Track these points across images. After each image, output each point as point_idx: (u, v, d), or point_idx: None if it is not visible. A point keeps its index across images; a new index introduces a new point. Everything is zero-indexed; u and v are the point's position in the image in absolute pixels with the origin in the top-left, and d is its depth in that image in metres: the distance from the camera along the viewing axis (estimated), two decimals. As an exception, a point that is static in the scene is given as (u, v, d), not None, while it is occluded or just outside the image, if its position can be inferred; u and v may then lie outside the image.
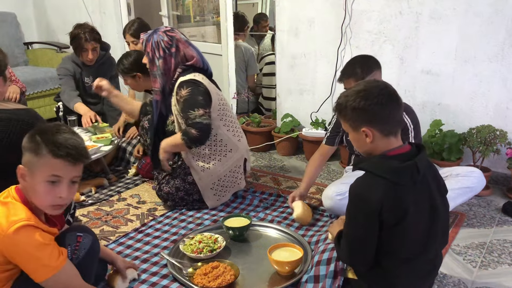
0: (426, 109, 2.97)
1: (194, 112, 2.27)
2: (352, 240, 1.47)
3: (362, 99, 1.41)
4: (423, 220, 1.43)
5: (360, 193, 1.42)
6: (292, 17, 3.36)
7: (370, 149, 1.47)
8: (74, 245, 1.52)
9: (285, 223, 2.33)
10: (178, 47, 2.41)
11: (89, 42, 3.26)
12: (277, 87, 3.63)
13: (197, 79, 2.36)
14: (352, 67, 2.26)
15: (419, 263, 1.48)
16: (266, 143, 3.56)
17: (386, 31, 2.99)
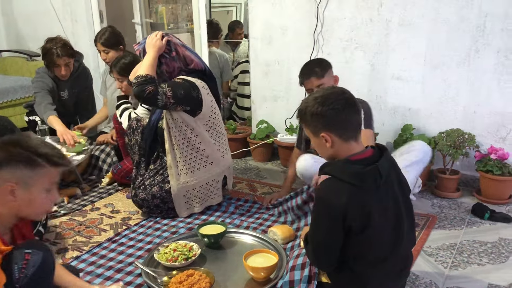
0: (397, 114, 3.03)
1: (165, 87, 2.27)
2: (316, 242, 1.51)
3: (319, 104, 1.46)
4: (388, 222, 1.47)
5: (324, 197, 1.45)
6: (265, 25, 3.39)
7: (332, 154, 1.51)
8: (22, 263, 1.37)
9: (260, 229, 2.34)
10: (177, 50, 2.42)
11: (61, 57, 3.15)
12: (252, 94, 3.64)
13: (197, 84, 2.38)
14: (310, 67, 2.45)
15: (389, 264, 1.51)
16: (241, 149, 3.57)
17: (357, 38, 3.04)
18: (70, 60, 3.25)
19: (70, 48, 3.23)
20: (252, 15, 3.43)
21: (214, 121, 2.48)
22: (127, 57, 2.88)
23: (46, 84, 3.24)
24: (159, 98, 2.25)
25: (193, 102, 2.36)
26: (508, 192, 2.69)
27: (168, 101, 2.27)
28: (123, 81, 2.87)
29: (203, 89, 2.40)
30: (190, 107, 2.36)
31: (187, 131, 2.39)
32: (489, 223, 2.44)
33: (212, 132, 2.47)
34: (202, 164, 2.45)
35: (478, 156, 2.73)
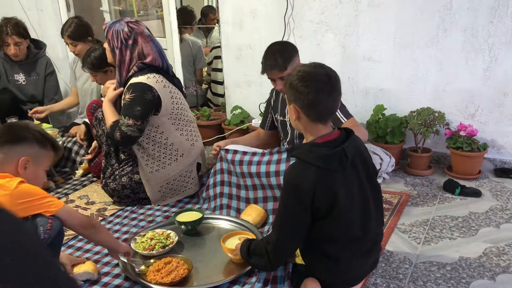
0: (369, 94, 3.07)
1: (124, 119, 2.26)
2: (282, 224, 1.52)
3: (298, 79, 1.46)
4: (354, 203, 1.49)
5: (292, 180, 1.47)
6: (235, 9, 3.36)
7: (297, 125, 1.55)
8: (46, 226, 1.56)
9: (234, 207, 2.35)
10: (136, 40, 2.33)
11: (10, 36, 3.18)
12: (225, 79, 3.63)
13: (148, 83, 2.29)
14: (272, 58, 2.25)
15: (359, 244, 1.54)
16: (217, 136, 3.56)
17: (327, 20, 3.05)
18: (21, 40, 3.26)
19: (22, 28, 3.25)
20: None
21: (178, 111, 2.42)
22: (96, 50, 2.82)
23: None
24: (129, 133, 2.26)
25: (153, 104, 2.30)
26: (478, 168, 2.76)
27: (137, 126, 2.26)
28: (96, 75, 2.83)
29: (157, 84, 2.31)
30: (154, 109, 2.33)
31: (151, 131, 2.36)
32: (460, 198, 2.51)
33: (178, 124, 2.43)
34: (173, 159, 2.43)
35: (448, 133, 2.79)
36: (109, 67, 2.78)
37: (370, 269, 1.70)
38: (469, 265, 1.88)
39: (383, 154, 2.67)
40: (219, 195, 2.40)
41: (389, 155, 2.69)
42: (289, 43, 2.40)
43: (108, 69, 2.79)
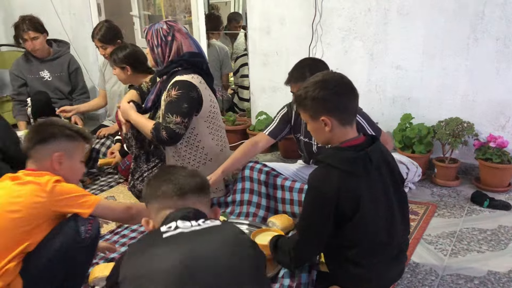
0: (397, 103, 3.04)
1: (172, 117, 2.26)
2: (306, 228, 1.53)
3: (321, 89, 1.47)
4: (378, 210, 1.48)
5: (315, 183, 1.47)
6: (263, 16, 3.38)
7: (328, 138, 1.52)
8: (87, 226, 1.61)
9: (259, 215, 2.35)
10: (174, 36, 2.36)
11: (26, 32, 3.32)
12: (251, 85, 3.64)
13: (193, 82, 2.32)
14: (301, 71, 2.20)
15: (384, 251, 1.53)
16: (241, 141, 3.57)
17: (356, 28, 3.04)
18: (37, 35, 3.40)
19: (37, 23, 3.40)
20: (250, 5, 3.42)
21: (214, 115, 2.46)
22: (125, 48, 2.90)
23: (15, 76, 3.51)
24: (177, 130, 2.26)
25: (197, 103, 2.34)
26: (507, 180, 2.70)
27: (184, 123, 2.28)
28: (115, 69, 2.94)
29: (200, 84, 2.35)
30: (200, 108, 2.36)
31: (187, 131, 2.38)
32: (489, 210, 2.45)
33: (211, 128, 2.46)
34: (202, 162, 2.46)
35: (477, 144, 2.74)
36: (127, 66, 2.88)
37: (395, 278, 1.68)
38: (498, 279, 1.84)
39: (410, 164, 2.62)
40: (246, 202, 2.40)
41: (416, 165, 2.65)
42: (322, 62, 2.30)
43: (125, 67, 2.89)
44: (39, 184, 1.56)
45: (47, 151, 1.66)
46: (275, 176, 2.37)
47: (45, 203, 1.55)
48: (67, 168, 1.68)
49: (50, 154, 1.66)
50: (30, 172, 1.63)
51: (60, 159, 1.67)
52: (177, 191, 1.28)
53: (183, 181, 1.30)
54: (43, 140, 1.68)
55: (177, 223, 1.18)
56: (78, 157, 1.75)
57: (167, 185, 1.29)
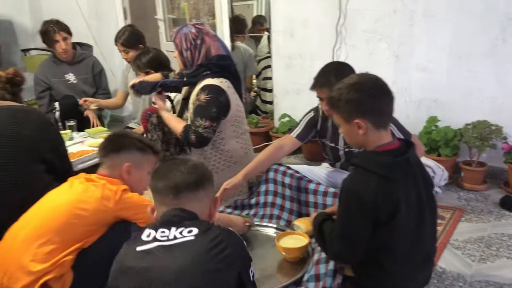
0: (422, 106, 3.00)
1: (201, 121, 2.29)
2: (344, 234, 1.49)
3: (356, 91, 1.44)
4: (412, 215, 1.46)
5: (353, 188, 1.45)
6: (287, 18, 3.38)
7: (362, 141, 1.50)
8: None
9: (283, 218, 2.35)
10: (203, 39, 2.40)
11: (58, 32, 3.40)
12: (274, 87, 3.65)
13: (222, 87, 2.35)
14: (326, 76, 2.14)
15: (413, 256, 1.51)
16: (264, 143, 3.58)
17: (381, 30, 3.01)
18: (68, 36, 3.48)
19: (65, 25, 3.49)
20: (274, 8, 3.43)
21: (239, 119, 2.49)
22: (148, 53, 2.94)
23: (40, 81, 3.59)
24: (205, 134, 2.30)
25: (224, 108, 2.37)
26: (538, 184, 2.63)
27: (213, 127, 2.31)
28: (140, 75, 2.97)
29: (228, 89, 2.38)
30: (228, 113, 2.38)
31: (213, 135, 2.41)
32: (518, 216, 2.40)
33: (237, 131, 2.48)
34: (226, 165, 2.47)
35: (506, 147, 2.68)
36: (151, 71, 2.91)
37: (422, 284, 1.65)
38: (529, 286, 1.80)
39: (436, 167, 2.58)
40: (270, 204, 2.40)
41: (442, 168, 2.60)
42: (348, 66, 2.22)
43: (149, 72, 2.91)
44: (110, 190, 1.67)
45: (119, 161, 1.77)
46: (299, 179, 2.37)
47: (110, 209, 1.66)
48: (134, 178, 1.79)
49: (121, 164, 1.77)
50: (102, 177, 1.74)
51: (129, 169, 1.77)
52: (172, 190, 1.33)
53: (179, 179, 1.34)
54: (117, 149, 1.79)
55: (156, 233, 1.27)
56: (146, 168, 1.84)
57: (163, 183, 1.35)
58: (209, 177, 1.41)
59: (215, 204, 1.43)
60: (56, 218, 1.63)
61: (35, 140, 2.01)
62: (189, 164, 1.38)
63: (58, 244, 1.60)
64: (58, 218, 1.63)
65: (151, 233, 1.27)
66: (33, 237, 1.60)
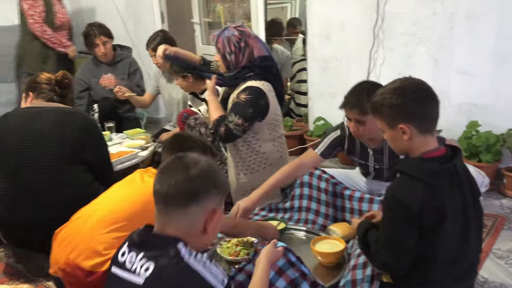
0: (462, 110, 2.92)
1: (234, 117, 2.31)
2: (391, 244, 1.44)
3: (399, 96, 1.41)
4: (458, 223, 1.42)
5: (398, 195, 1.40)
6: (323, 21, 3.37)
7: (407, 147, 1.46)
8: None
9: (318, 223, 2.34)
10: (247, 41, 2.41)
11: (98, 36, 3.51)
12: (309, 90, 3.64)
13: (263, 90, 2.37)
14: (357, 96, 2.03)
15: (456, 265, 1.46)
16: (298, 146, 3.58)
17: (419, 33, 2.96)
18: (108, 40, 3.58)
19: (106, 29, 3.60)
20: (310, 11, 3.43)
21: (276, 123, 2.49)
22: None
23: (81, 81, 3.70)
24: (234, 131, 2.31)
25: (262, 110, 2.38)
26: None
27: (244, 126, 2.32)
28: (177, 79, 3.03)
29: (269, 92, 2.40)
30: (265, 116, 2.39)
31: (249, 135, 2.42)
32: None
33: (273, 134, 2.49)
34: (262, 166, 2.48)
35: (552, 154, 2.58)
36: (188, 74, 2.94)
37: (463, 294, 1.61)
38: None
39: (476, 173, 2.50)
40: (305, 209, 2.39)
41: (483, 175, 2.52)
42: (381, 86, 2.16)
43: (186, 76, 2.96)
44: None
45: None
46: (335, 184, 2.35)
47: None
48: None
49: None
50: None
51: None
52: (162, 200, 1.23)
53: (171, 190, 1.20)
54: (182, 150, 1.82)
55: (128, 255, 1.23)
56: None
57: (157, 187, 1.23)
58: (209, 189, 1.24)
59: (212, 217, 1.24)
60: (127, 207, 1.73)
61: (77, 142, 2.08)
62: (191, 172, 1.22)
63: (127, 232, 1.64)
64: (129, 207, 1.72)
65: (125, 252, 1.23)
66: (105, 221, 1.70)
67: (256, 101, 2.33)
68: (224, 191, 1.30)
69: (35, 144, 2.05)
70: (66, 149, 2.07)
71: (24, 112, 2.16)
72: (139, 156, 2.86)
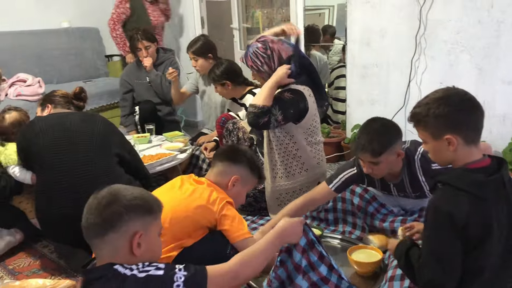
0: (507, 120, 2.83)
1: (277, 112, 2.28)
2: (436, 258, 1.38)
3: (445, 106, 1.38)
4: (503, 237, 1.37)
5: (443, 206, 1.36)
6: (364, 28, 3.34)
7: (451, 158, 1.43)
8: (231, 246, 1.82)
9: (355, 234, 2.32)
10: (272, 48, 2.40)
11: (140, 41, 3.59)
12: (347, 97, 3.61)
13: (305, 94, 2.37)
14: (367, 139, 1.92)
15: (500, 280, 1.42)
16: (335, 154, 3.55)
17: (463, 41, 2.89)
18: (150, 44, 3.65)
19: (149, 33, 3.69)
20: (350, 18, 3.40)
21: (314, 129, 2.48)
22: (221, 65, 3.02)
23: (125, 83, 3.82)
24: (271, 125, 2.31)
25: (300, 113, 2.38)
26: None
27: (279, 123, 2.32)
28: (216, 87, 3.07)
29: (309, 97, 2.40)
30: (302, 119, 2.39)
31: (285, 138, 2.42)
32: None
33: (309, 140, 2.48)
34: (297, 171, 2.47)
35: None
36: (226, 81, 2.98)
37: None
38: None
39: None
40: (341, 221, 2.39)
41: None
42: (394, 125, 2.00)
43: (225, 83, 2.99)
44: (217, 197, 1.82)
45: (231, 170, 1.93)
46: (368, 203, 2.30)
47: (213, 213, 1.80)
48: (236, 191, 1.94)
49: (231, 174, 1.93)
50: (210, 183, 1.90)
51: (236, 182, 1.93)
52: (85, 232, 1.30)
53: (88, 223, 1.28)
54: (234, 160, 1.95)
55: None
56: (248, 188, 2.02)
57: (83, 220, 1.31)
58: (122, 213, 1.26)
59: (133, 239, 1.27)
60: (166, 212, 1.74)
61: (106, 136, 2.21)
62: (103, 199, 1.28)
63: (167, 237, 1.72)
64: (168, 213, 1.74)
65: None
66: None
67: (297, 102, 2.34)
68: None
69: (67, 141, 2.14)
70: (96, 142, 2.17)
71: (48, 117, 2.26)
72: (177, 158, 2.91)
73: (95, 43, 4.99)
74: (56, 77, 4.56)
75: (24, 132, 2.21)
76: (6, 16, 4.34)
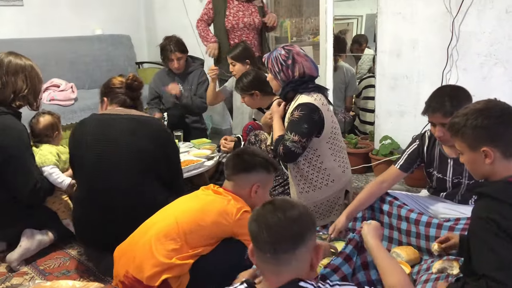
0: (542, 136, 2.76)
1: (290, 135, 2.30)
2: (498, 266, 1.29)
3: (485, 117, 1.37)
4: None
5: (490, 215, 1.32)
6: (394, 39, 3.32)
7: (488, 171, 1.40)
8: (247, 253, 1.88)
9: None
10: (294, 59, 2.39)
11: (173, 52, 3.65)
12: (376, 108, 3.58)
13: (315, 104, 2.35)
14: (439, 100, 2.05)
15: None
16: (362, 165, 3.52)
17: (497, 53, 2.84)
18: (182, 55, 3.70)
19: (182, 44, 3.73)
20: (381, 28, 3.38)
21: (335, 135, 2.46)
22: (248, 74, 3.03)
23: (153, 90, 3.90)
24: (293, 149, 2.29)
25: (317, 125, 2.35)
26: None
27: (302, 143, 2.30)
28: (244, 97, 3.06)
29: (322, 106, 2.36)
30: (322, 130, 2.38)
31: (309, 153, 2.41)
32: None
33: (333, 149, 2.46)
34: (324, 183, 2.46)
35: None
36: (255, 91, 2.95)
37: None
38: None
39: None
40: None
41: None
42: (463, 89, 2.12)
43: (254, 93, 2.96)
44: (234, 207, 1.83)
45: (248, 180, 1.93)
46: (399, 207, 2.28)
47: (230, 223, 1.81)
48: (260, 196, 1.93)
49: (250, 183, 1.92)
50: (229, 193, 1.90)
51: (257, 189, 1.93)
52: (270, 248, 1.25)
53: (277, 236, 1.24)
54: (247, 169, 1.94)
55: None
56: (269, 187, 2.03)
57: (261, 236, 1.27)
58: (310, 226, 1.27)
59: (317, 254, 1.28)
60: (184, 221, 1.79)
61: (150, 153, 2.15)
62: (288, 214, 1.24)
63: (182, 245, 1.75)
64: (186, 222, 1.78)
65: None
66: (163, 233, 1.78)
67: (309, 116, 2.31)
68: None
69: (111, 151, 2.14)
70: (139, 158, 2.13)
71: (100, 120, 2.23)
72: (205, 165, 2.94)
73: (126, 50, 5.09)
74: (88, 83, 4.67)
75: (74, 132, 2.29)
76: (43, 23, 4.50)
